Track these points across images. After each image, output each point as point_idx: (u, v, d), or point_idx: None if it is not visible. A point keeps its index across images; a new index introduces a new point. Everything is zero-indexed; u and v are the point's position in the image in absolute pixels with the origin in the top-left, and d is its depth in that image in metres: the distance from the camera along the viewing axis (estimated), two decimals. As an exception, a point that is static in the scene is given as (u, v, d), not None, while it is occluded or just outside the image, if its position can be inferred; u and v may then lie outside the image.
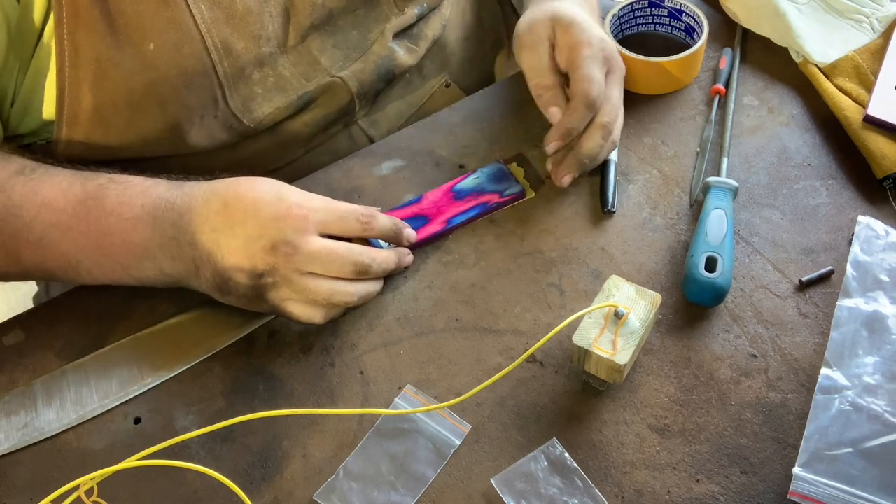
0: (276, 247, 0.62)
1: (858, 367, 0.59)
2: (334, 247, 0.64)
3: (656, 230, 0.73)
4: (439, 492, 0.60)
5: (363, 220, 0.67)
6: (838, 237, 0.71)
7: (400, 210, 0.75)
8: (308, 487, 0.61)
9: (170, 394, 0.67)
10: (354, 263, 0.65)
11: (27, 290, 1.70)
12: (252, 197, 0.64)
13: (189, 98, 0.69)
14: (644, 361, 0.65)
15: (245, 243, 0.62)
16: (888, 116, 0.74)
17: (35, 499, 0.60)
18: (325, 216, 0.65)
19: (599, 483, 0.60)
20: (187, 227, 0.64)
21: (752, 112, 0.80)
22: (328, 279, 0.64)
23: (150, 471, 0.62)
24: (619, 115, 0.74)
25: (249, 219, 0.63)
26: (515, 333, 0.68)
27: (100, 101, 0.67)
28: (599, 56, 0.72)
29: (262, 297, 0.64)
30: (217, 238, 0.63)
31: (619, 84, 0.74)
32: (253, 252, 0.62)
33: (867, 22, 0.83)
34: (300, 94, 0.75)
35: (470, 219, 0.75)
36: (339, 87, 0.77)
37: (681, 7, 0.83)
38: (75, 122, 0.68)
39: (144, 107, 0.68)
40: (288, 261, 0.63)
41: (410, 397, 0.65)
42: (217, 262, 0.63)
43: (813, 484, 0.55)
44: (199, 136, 0.72)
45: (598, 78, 0.71)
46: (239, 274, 0.63)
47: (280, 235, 0.62)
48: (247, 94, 0.72)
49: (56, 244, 0.66)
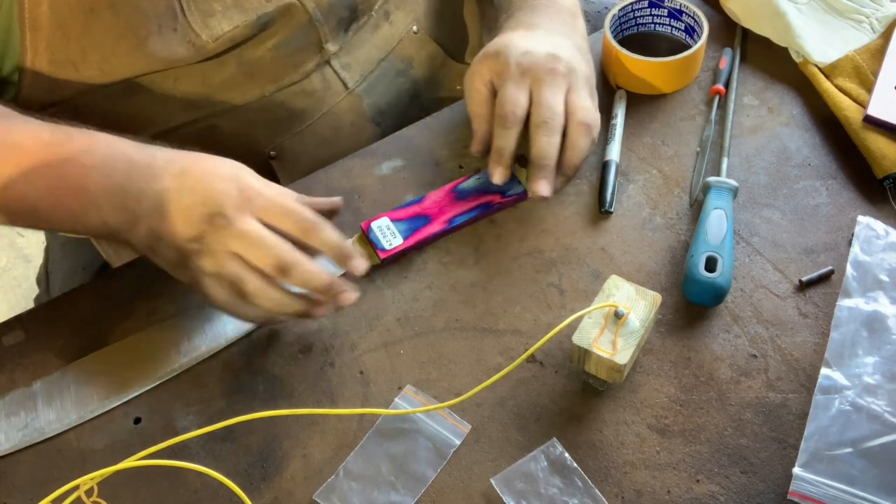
0: (212, 217, 0.63)
1: (858, 367, 0.59)
2: (265, 234, 0.64)
3: (656, 230, 0.73)
4: (439, 492, 0.60)
5: (305, 225, 0.65)
6: (838, 237, 0.71)
7: (402, 210, 0.75)
8: (308, 487, 0.61)
9: (170, 394, 0.67)
10: (276, 257, 0.63)
11: (27, 290, 1.71)
12: (212, 171, 0.65)
13: (142, 2, 0.69)
14: (644, 361, 0.65)
15: (188, 209, 0.63)
16: (888, 116, 0.74)
17: (35, 499, 0.60)
18: (268, 204, 0.65)
19: (599, 483, 0.60)
20: (140, 181, 0.65)
21: (752, 112, 0.80)
22: (245, 267, 0.64)
23: (150, 471, 0.62)
24: (560, 109, 0.72)
25: (200, 188, 0.64)
26: (515, 333, 0.68)
27: (55, 2, 0.67)
28: (515, 74, 0.72)
29: (185, 263, 0.64)
30: (164, 199, 0.64)
31: (548, 87, 0.72)
32: (192, 218, 0.63)
33: (867, 22, 0.83)
34: (259, 14, 0.75)
35: (472, 219, 0.75)
36: (297, 10, 0.77)
37: (681, 7, 0.83)
38: (37, 27, 0.68)
39: (97, 9, 0.68)
40: (217, 232, 0.63)
41: (410, 397, 0.65)
42: (156, 222, 0.64)
43: (813, 484, 0.55)
44: (156, 48, 0.72)
45: (510, 94, 0.72)
46: (172, 236, 0.64)
47: (219, 209, 0.63)
48: (206, 9, 0.72)
49: (17, 185, 0.66)
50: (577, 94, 0.73)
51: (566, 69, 0.73)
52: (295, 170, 0.83)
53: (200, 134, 0.78)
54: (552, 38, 0.76)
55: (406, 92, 0.88)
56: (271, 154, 0.83)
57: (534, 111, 0.72)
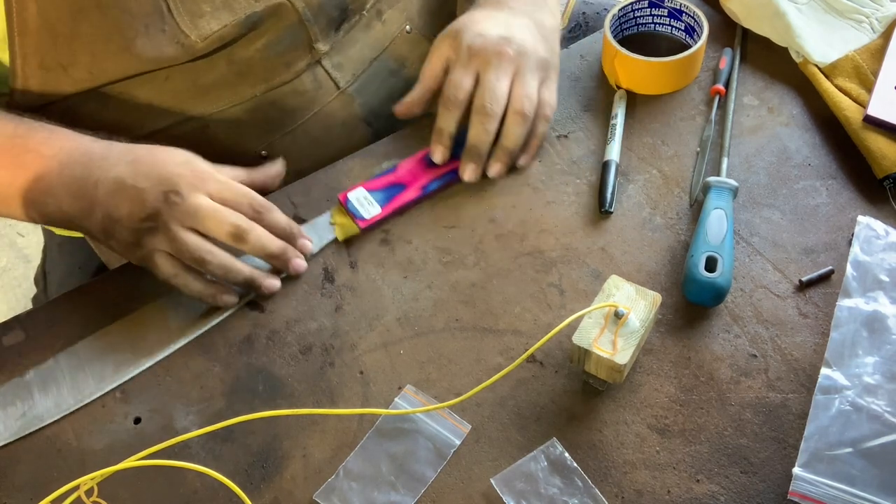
0: (166, 195, 0.66)
1: (858, 367, 0.59)
2: (219, 206, 0.68)
3: (656, 230, 0.73)
4: (439, 492, 0.60)
5: (256, 206, 0.69)
6: (838, 237, 0.71)
7: (377, 180, 0.76)
8: (308, 487, 0.61)
9: (170, 394, 0.67)
10: (233, 224, 0.67)
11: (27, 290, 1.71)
12: (163, 158, 0.68)
13: (128, 2, 0.69)
14: (644, 361, 0.65)
15: (143, 190, 0.66)
16: (888, 116, 0.74)
17: (35, 499, 0.60)
18: (221, 186, 0.69)
19: (599, 483, 0.60)
20: (96, 170, 0.68)
21: (752, 112, 0.80)
22: (200, 237, 0.67)
23: (150, 471, 0.62)
24: (501, 95, 0.75)
25: (155, 173, 0.67)
26: (515, 333, 0.68)
27: (43, 5, 0.67)
28: (463, 57, 0.76)
29: (138, 242, 0.67)
30: (119, 184, 0.67)
31: (494, 70, 0.75)
32: (145, 198, 0.66)
33: (867, 22, 0.83)
34: (248, 13, 0.75)
35: (445, 184, 0.77)
36: (286, 9, 0.77)
37: (681, 7, 0.83)
38: (25, 31, 0.68)
39: (85, 10, 0.69)
40: (171, 209, 0.66)
41: (410, 397, 0.65)
42: (111, 207, 0.67)
43: (813, 484, 0.55)
44: (145, 48, 0.72)
45: (456, 77, 0.76)
46: (128, 219, 0.66)
47: (172, 187, 0.66)
48: (194, 9, 0.72)
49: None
50: (522, 79, 0.75)
51: (515, 53, 0.75)
52: (287, 169, 0.83)
53: (192, 134, 0.78)
54: (513, 19, 0.78)
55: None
56: (262, 153, 0.83)
57: (476, 95, 0.75)
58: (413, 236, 0.75)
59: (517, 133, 0.75)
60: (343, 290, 0.72)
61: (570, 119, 0.82)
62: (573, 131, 0.81)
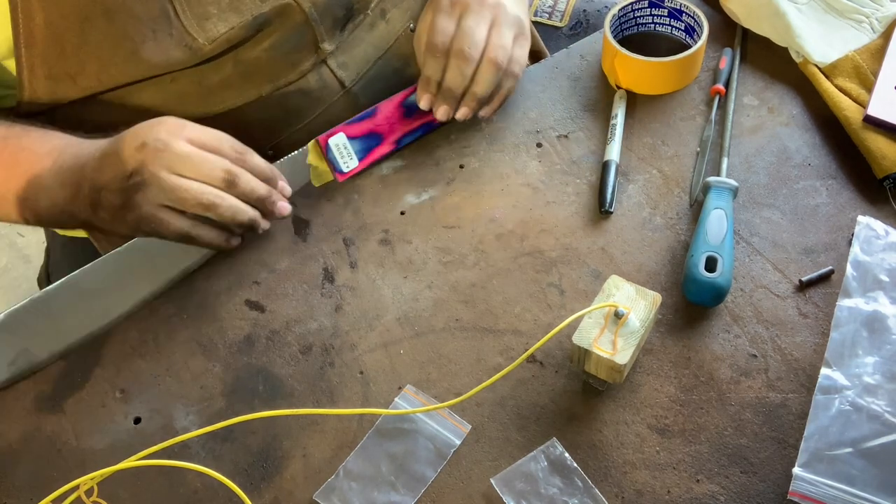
0: (146, 144, 0.65)
1: (858, 367, 0.59)
2: (204, 152, 0.67)
3: (656, 230, 0.73)
4: (439, 492, 0.60)
5: (238, 149, 0.69)
6: (838, 237, 0.71)
7: (357, 125, 0.77)
8: (308, 487, 0.61)
9: (170, 394, 0.67)
10: (224, 170, 0.67)
11: (27, 290, 1.70)
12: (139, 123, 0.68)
13: (135, 7, 0.70)
14: (644, 361, 0.65)
15: (122, 148, 0.66)
16: (888, 116, 0.74)
17: (35, 499, 0.60)
18: (201, 132, 0.68)
19: (599, 483, 0.60)
20: (85, 156, 0.68)
21: (752, 112, 0.80)
22: (198, 182, 0.66)
23: (150, 471, 0.62)
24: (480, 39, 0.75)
25: (131, 132, 0.67)
26: (515, 333, 0.68)
27: (50, 15, 0.67)
28: (445, 4, 0.77)
29: (129, 204, 0.66)
30: (102, 156, 0.67)
31: (474, 15, 0.76)
32: (126, 156, 0.65)
33: (867, 22, 0.83)
34: (255, 14, 0.75)
35: (417, 138, 0.79)
36: (293, 9, 0.77)
37: (681, 7, 0.83)
38: (32, 43, 0.68)
39: (93, 18, 0.69)
40: (157, 156, 0.65)
41: (410, 397, 0.65)
42: (95, 177, 0.67)
43: (813, 484, 0.55)
44: (153, 53, 0.72)
45: (441, 23, 0.76)
46: (113, 181, 0.66)
47: (152, 134, 0.66)
48: (201, 12, 0.72)
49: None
50: (499, 29, 0.77)
51: (494, 2, 0.76)
52: None
53: None
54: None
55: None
56: (269, 153, 0.83)
57: (455, 38, 0.76)
58: (413, 236, 0.75)
59: (488, 80, 0.76)
60: (343, 290, 0.72)
61: (570, 119, 0.82)
62: (573, 131, 0.81)
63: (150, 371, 0.68)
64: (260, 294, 0.72)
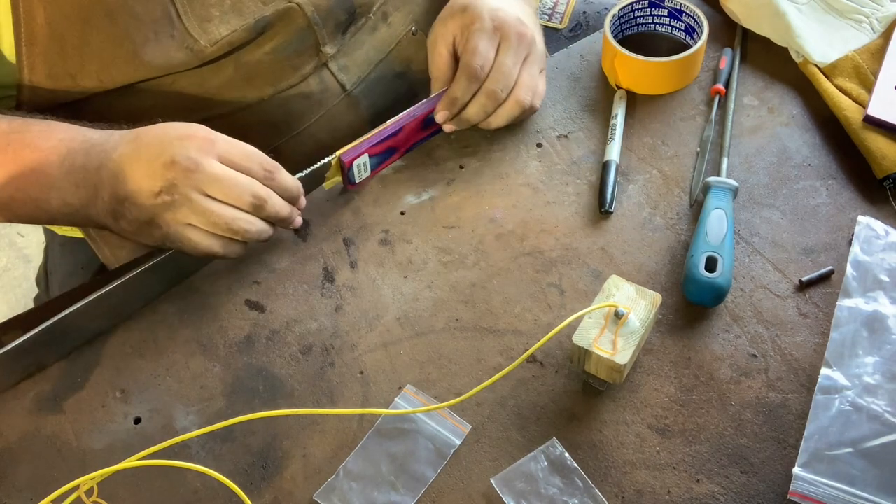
0: (175, 161, 0.63)
1: (858, 367, 0.59)
2: (235, 174, 0.66)
3: (656, 230, 0.73)
4: (439, 492, 0.60)
5: (268, 167, 0.68)
6: (838, 237, 0.71)
7: (379, 144, 0.76)
8: (308, 487, 0.61)
9: (170, 394, 0.67)
10: (253, 195, 0.66)
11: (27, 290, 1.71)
12: (162, 127, 0.67)
13: (137, 8, 0.69)
14: (644, 361, 0.65)
15: (147, 163, 0.64)
16: (888, 116, 0.74)
17: (35, 499, 0.60)
18: (230, 148, 0.67)
19: (599, 483, 0.60)
20: (98, 155, 0.66)
21: (752, 112, 0.80)
22: (229, 207, 0.65)
23: (150, 471, 0.62)
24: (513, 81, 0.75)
25: (155, 141, 0.65)
26: (515, 333, 0.68)
27: (51, 14, 0.67)
28: (488, 27, 0.75)
29: (155, 220, 0.65)
30: (122, 161, 0.65)
31: (513, 52, 0.75)
32: (154, 170, 0.63)
33: (867, 22, 0.83)
34: (257, 17, 0.75)
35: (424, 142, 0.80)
36: (296, 13, 0.77)
37: (681, 7, 0.83)
38: (33, 41, 0.68)
39: (94, 18, 0.68)
40: (188, 177, 0.63)
41: (410, 397, 0.65)
42: (117, 186, 0.65)
43: (813, 484, 0.55)
44: (154, 54, 0.72)
45: (483, 48, 0.74)
46: (138, 195, 0.64)
47: (182, 151, 0.64)
48: (203, 14, 0.72)
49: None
50: (529, 68, 0.76)
51: (531, 39, 0.76)
52: (293, 172, 0.83)
53: None
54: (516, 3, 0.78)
55: (405, 94, 0.88)
56: (269, 155, 0.83)
57: (491, 74, 0.75)
58: (413, 236, 0.75)
59: (508, 118, 0.77)
60: (343, 290, 0.72)
61: (570, 119, 0.82)
62: (573, 131, 0.81)
63: (150, 371, 0.68)
64: (260, 294, 0.72)
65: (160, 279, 0.72)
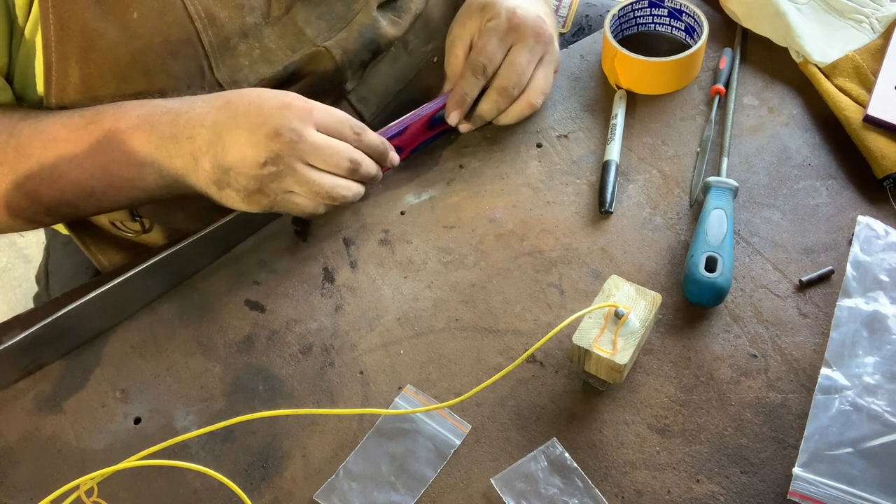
0: (279, 132, 0.64)
1: (858, 367, 0.59)
2: (334, 142, 0.67)
3: (656, 230, 0.73)
4: (439, 492, 0.60)
5: (357, 129, 0.70)
6: (838, 237, 0.71)
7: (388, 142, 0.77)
8: (308, 487, 0.61)
9: (170, 394, 0.67)
10: (350, 160, 0.68)
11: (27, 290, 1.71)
12: (256, 93, 0.67)
13: (174, 67, 0.70)
14: (644, 361, 0.65)
15: (248, 132, 0.64)
16: (888, 116, 0.74)
17: (35, 499, 0.60)
18: (325, 115, 0.68)
19: (599, 483, 0.60)
20: (186, 123, 0.66)
21: (752, 112, 0.80)
22: (328, 173, 0.67)
23: (150, 471, 0.62)
24: (526, 79, 0.76)
25: (253, 109, 0.65)
26: (515, 333, 0.68)
27: (87, 74, 0.67)
28: (502, 26, 0.75)
29: (262, 189, 0.66)
30: (219, 129, 0.65)
31: (528, 51, 0.75)
32: (257, 139, 0.64)
33: (867, 22, 0.83)
34: (286, 64, 0.75)
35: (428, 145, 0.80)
36: (324, 56, 0.77)
37: (681, 7, 0.83)
38: (64, 97, 0.68)
39: (131, 77, 0.69)
40: (292, 148, 0.65)
41: (410, 397, 0.65)
42: (218, 154, 0.65)
43: (813, 484, 0.55)
44: None
45: (491, 46, 0.75)
46: (242, 164, 0.64)
47: (285, 122, 0.64)
48: (233, 65, 0.73)
49: (67, 174, 0.68)
50: (545, 70, 0.77)
51: (549, 39, 0.76)
52: None
53: None
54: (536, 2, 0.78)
55: None
56: None
57: (503, 71, 0.76)
58: (413, 236, 0.75)
59: (518, 116, 0.78)
60: (343, 290, 0.72)
61: (570, 119, 0.82)
62: (573, 131, 0.81)
63: (150, 371, 0.68)
64: (260, 294, 0.72)
65: (160, 279, 0.72)
